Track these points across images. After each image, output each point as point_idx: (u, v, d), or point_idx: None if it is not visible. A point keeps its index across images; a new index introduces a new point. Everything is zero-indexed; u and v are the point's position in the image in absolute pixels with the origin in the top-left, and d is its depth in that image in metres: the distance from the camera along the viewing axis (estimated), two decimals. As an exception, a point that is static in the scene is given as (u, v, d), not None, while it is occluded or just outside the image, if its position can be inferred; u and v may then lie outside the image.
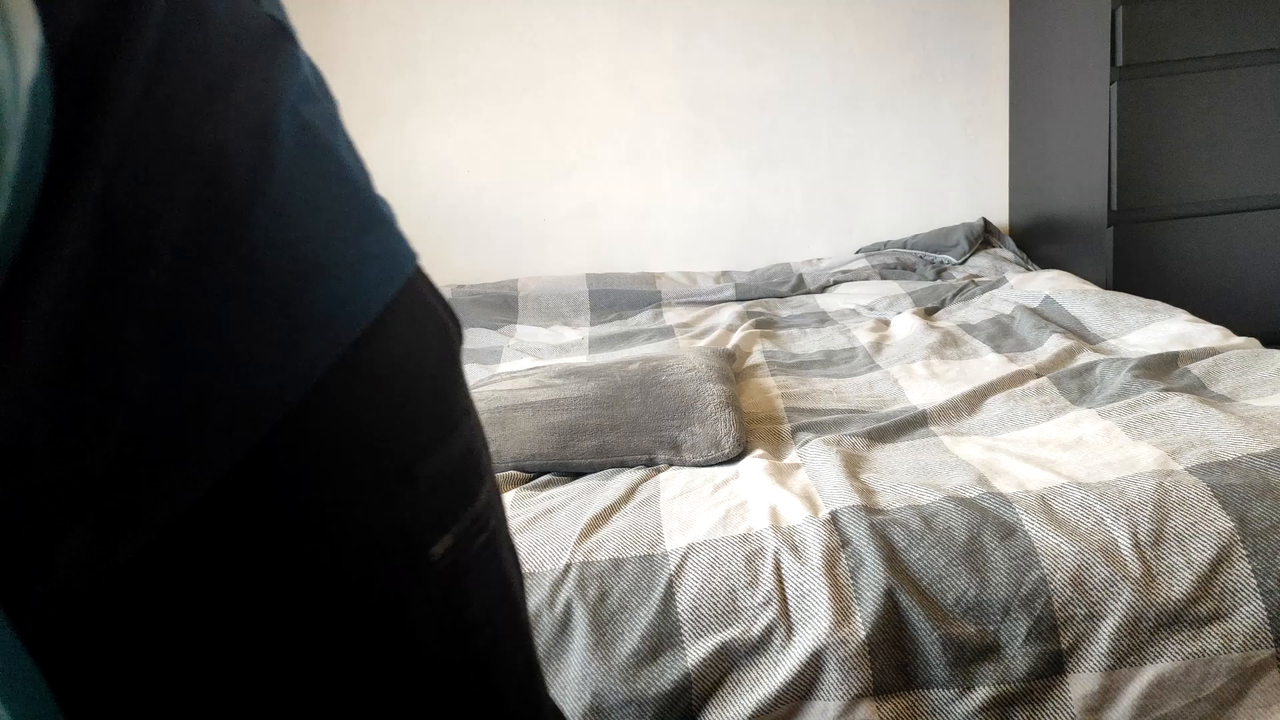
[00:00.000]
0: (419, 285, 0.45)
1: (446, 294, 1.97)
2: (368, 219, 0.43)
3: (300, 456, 0.40)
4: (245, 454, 0.38)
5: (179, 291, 0.35)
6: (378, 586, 0.44)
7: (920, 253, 2.59)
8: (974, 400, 1.44)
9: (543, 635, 1.04)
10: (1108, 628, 1.01)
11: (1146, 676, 1.00)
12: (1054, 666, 1.00)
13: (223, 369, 0.37)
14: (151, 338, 0.35)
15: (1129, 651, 1.01)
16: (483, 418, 1.34)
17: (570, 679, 1.02)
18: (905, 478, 1.18)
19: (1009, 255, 2.52)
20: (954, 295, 2.21)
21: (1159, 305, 1.84)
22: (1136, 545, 1.04)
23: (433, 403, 0.46)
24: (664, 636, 1.02)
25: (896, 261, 2.54)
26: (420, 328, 0.46)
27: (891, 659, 1.00)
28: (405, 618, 0.45)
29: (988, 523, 1.06)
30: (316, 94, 0.43)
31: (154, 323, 0.35)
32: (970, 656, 1.00)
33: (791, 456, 1.32)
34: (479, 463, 0.49)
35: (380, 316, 0.42)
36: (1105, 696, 1.00)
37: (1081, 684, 1.00)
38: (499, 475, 1.36)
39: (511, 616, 0.51)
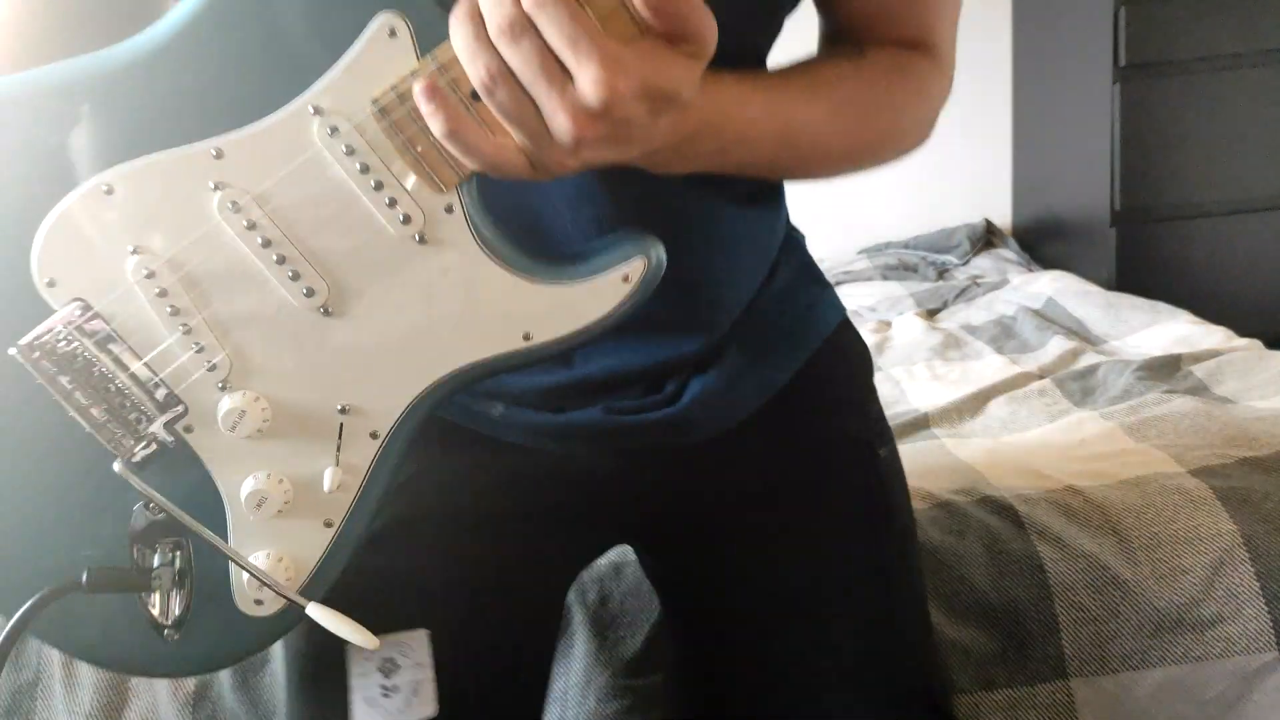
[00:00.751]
0: (849, 321, 0.88)
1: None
2: (822, 285, 0.87)
3: (816, 385, 0.81)
4: (791, 377, 0.80)
5: (745, 324, 0.78)
6: (856, 464, 0.81)
7: (922, 253, 2.59)
8: (976, 402, 1.43)
9: (543, 639, 1.04)
10: (1111, 631, 1.00)
11: (1151, 680, 1.00)
12: (1058, 671, 1.00)
13: (774, 348, 0.81)
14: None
15: (1132, 655, 1.00)
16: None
17: (572, 684, 1.02)
18: (908, 481, 1.18)
19: (1011, 256, 2.52)
20: (956, 296, 2.21)
21: (1162, 306, 1.84)
22: (1139, 549, 1.03)
23: (865, 375, 0.89)
24: (666, 640, 1.02)
25: (898, 262, 2.54)
26: (854, 339, 0.88)
27: (893, 663, 0.99)
28: (864, 487, 0.81)
29: (989, 527, 1.06)
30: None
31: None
32: (973, 661, 1.00)
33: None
34: (886, 420, 0.89)
35: (835, 330, 0.85)
36: (1110, 701, 1.00)
37: (1085, 688, 0.99)
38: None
39: (913, 518, 0.86)
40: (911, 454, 1.25)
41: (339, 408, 0.63)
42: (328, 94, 0.57)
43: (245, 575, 0.64)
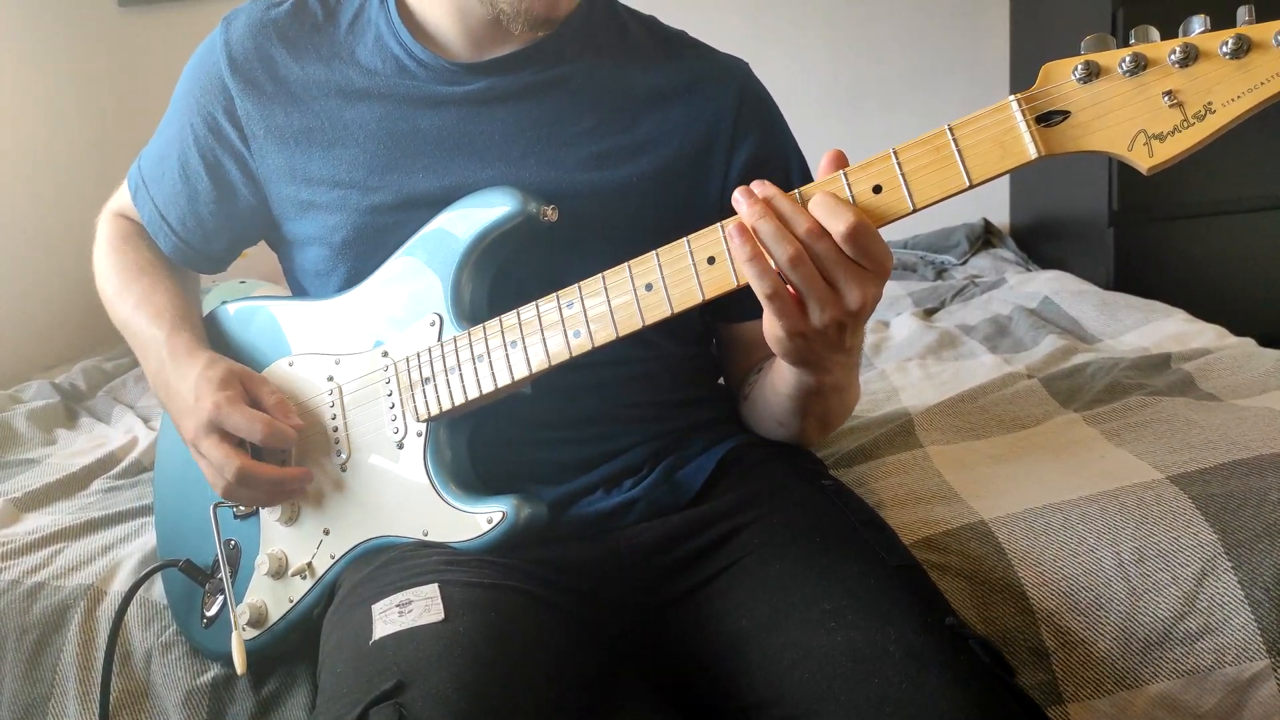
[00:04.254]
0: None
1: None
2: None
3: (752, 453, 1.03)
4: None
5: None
6: (810, 489, 0.98)
7: (921, 253, 2.58)
8: (962, 405, 1.42)
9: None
10: (1099, 652, 0.99)
11: (1146, 698, 0.98)
12: (1052, 697, 0.98)
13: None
14: None
15: (1125, 674, 0.99)
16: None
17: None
18: (891, 511, 1.14)
19: (1010, 255, 2.50)
20: (954, 296, 2.20)
21: (1157, 305, 1.83)
22: (1120, 565, 1.02)
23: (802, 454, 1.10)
24: None
25: (896, 262, 2.53)
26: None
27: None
28: (821, 504, 0.95)
29: (970, 551, 1.05)
30: None
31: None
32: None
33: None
34: (822, 462, 1.11)
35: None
36: (1109, 721, 0.98)
37: (1083, 713, 0.98)
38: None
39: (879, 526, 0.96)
40: (894, 467, 1.24)
41: (324, 529, 0.98)
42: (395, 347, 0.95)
43: (237, 610, 0.99)
